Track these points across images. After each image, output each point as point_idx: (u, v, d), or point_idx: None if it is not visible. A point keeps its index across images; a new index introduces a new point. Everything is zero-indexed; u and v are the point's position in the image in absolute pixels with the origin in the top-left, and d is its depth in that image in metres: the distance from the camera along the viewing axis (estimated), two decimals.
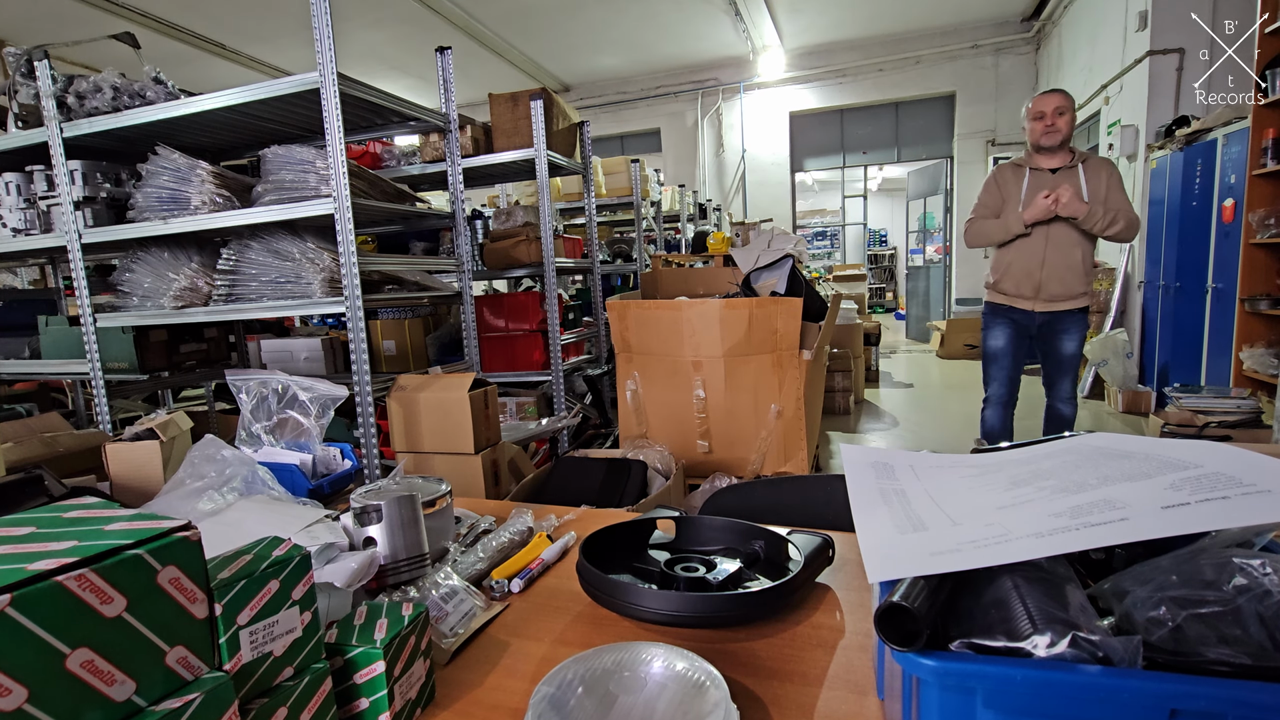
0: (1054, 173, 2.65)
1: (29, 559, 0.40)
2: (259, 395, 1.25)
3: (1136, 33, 4.86)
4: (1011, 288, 2.81)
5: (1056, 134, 2.63)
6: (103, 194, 2.69)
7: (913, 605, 0.36)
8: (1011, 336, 2.88)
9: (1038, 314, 2.78)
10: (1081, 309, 2.77)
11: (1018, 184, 2.73)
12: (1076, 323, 2.78)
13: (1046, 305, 2.75)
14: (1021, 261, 2.74)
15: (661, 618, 0.70)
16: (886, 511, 0.51)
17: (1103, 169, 2.65)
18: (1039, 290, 2.73)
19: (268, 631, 0.50)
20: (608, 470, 2.65)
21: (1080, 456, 0.56)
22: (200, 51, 7.00)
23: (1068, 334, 2.79)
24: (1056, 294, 2.71)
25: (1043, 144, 2.65)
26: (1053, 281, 2.69)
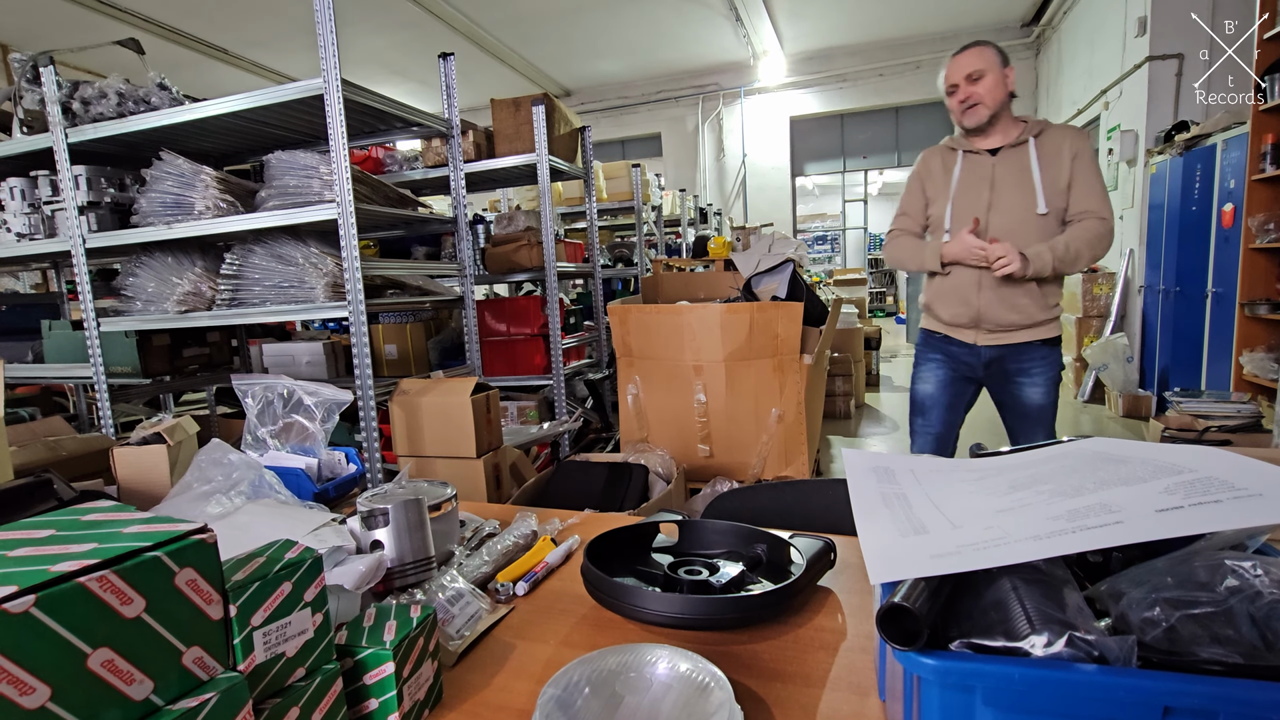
0: (994, 154, 1.90)
1: (51, 560, 0.41)
2: (264, 400, 1.26)
3: (1136, 38, 4.88)
4: (946, 314, 2.04)
5: (978, 110, 1.85)
6: (107, 199, 2.70)
7: (914, 606, 0.37)
8: (946, 379, 2.09)
9: (982, 349, 1.98)
10: (1046, 341, 1.94)
11: (947, 176, 1.98)
12: (1041, 362, 1.94)
13: (992, 337, 1.96)
14: (952, 282, 1.97)
15: (665, 620, 0.71)
16: (888, 515, 0.52)
17: (1065, 144, 1.85)
18: (978, 319, 1.96)
19: (281, 633, 0.51)
20: (609, 474, 2.65)
21: (1078, 461, 0.57)
22: (203, 56, 7.03)
23: (1027, 377, 1.96)
24: (1004, 322, 1.92)
25: (965, 124, 1.91)
26: (996, 308, 1.91)
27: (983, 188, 1.91)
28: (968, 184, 1.95)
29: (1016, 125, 1.92)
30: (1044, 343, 1.96)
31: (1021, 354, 1.97)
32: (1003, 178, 1.88)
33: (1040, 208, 1.83)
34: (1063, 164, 1.84)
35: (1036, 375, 1.99)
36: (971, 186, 1.94)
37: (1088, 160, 1.87)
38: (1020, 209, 1.86)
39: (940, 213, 2.00)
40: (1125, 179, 5.23)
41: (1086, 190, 1.86)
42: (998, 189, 1.89)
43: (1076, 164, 1.85)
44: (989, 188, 1.90)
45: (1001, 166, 1.90)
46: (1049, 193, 1.84)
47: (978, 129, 1.91)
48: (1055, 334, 1.98)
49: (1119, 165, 5.30)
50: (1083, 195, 1.86)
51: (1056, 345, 2.02)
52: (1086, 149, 1.87)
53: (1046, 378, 2.00)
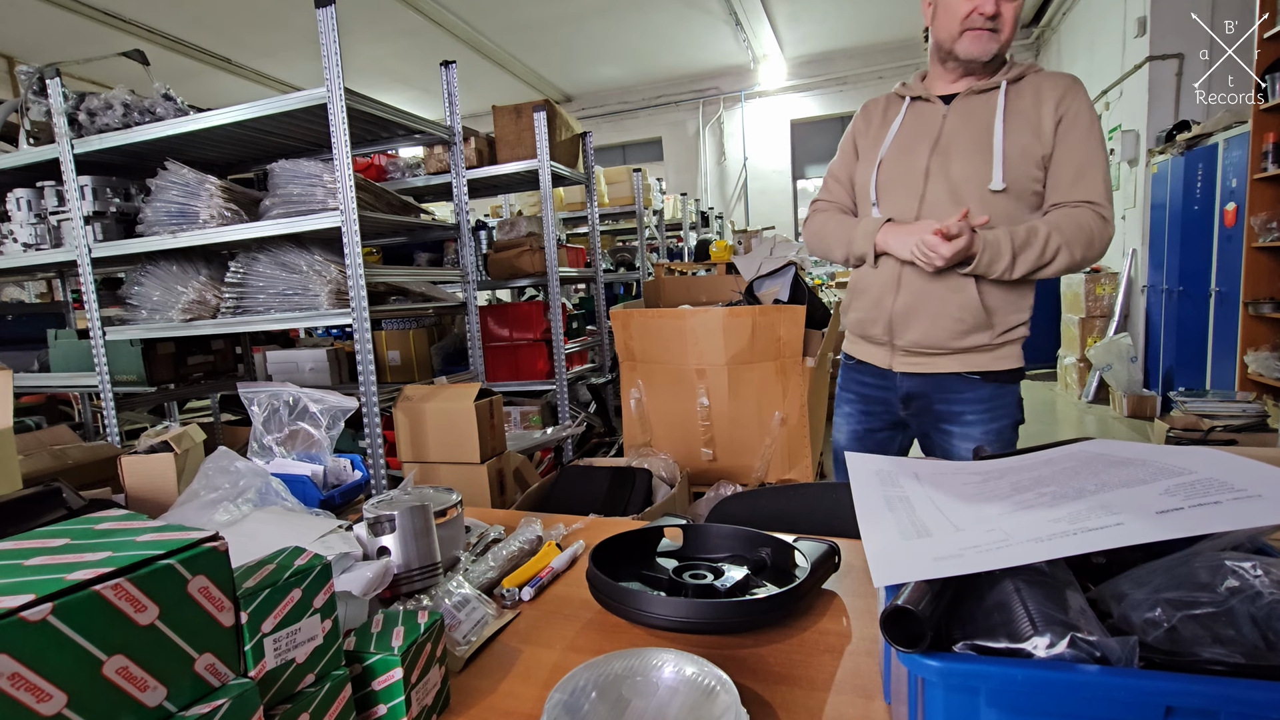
0: (947, 103, 1.34)
1: (67, 569, 0.42)
2: (270, 408, 1.27)
3: (1136, 38, 4.89)
4: (857, 324, 1.48)
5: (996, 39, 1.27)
6: (112, 209, 2.72)
7: (917, 608, 0.37)
8: (859, 429, 1.53)
9: (898, 378, 1.42)
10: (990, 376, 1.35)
11: (883, 130, 1.41)
12: (979, 406, 1.36)
13: (909, 362, 1.39)
14: (870, 279, 1.41)
15: (671, 624, 0.71)
16: (891, 518, 0.53)
17: (1050, 98, 1.27)
18: (892, 331, 1.38)
19: (291, 639, 0.52)
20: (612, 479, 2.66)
21: (1079, 462, 0.57)
22: (208, 67, 7.08)
23: (959, 425, 1.38)
24: (925, 341, 1.35)
25: (962, 51, 1.29)
26: (915, 317, 1.34)
27: (922, 146, 1.33)
28: (905, 142, 1.36)
29: (994, 67, 1.34)
30: (987, 378, 1.34)
31: (951, 390, 1.36)
32: (953, 135, 1.31)
33: (995, 182, 1.26)
34: (1042, 126, 1.26)
35: (972, 425, 1.36)
36: (909, 144, 1.35)
37: (1083, 130, 1.25)
38: (969, 180, 1.28)
39: (865, 178, 1.40)
40: (1127, 179, 5.23)
41: (1082, 169, 1.25)
42: (943, 150, 1.31)
43: (1068, 131, 1.25)
44: (930, 147, 1.32)
45: (955, 119, 1.31)
46: (1012, 162, 1.26)
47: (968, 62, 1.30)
48: (1009, 365, 1.34)
49: (1120, 165, 5.30)
50: (1074, 178, 1.25)
51: (1011, 384, 1.37)
52: (1084, 112, 1.26)
53: (987, 431, 1.35)
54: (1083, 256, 1.25)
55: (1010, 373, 1.36)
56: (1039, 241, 1.22)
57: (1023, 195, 1.29)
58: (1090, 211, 1.24)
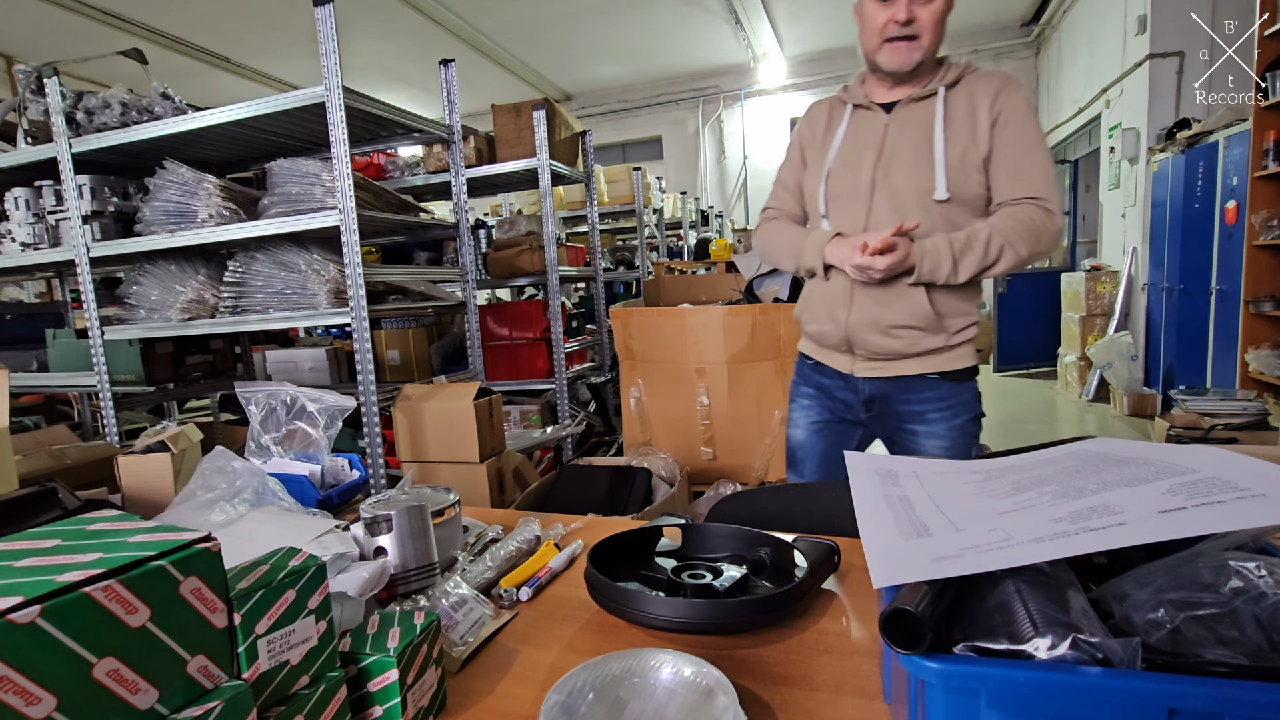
0: (888, 110, 1.35)
1: (57, 570, 0.41)
2: (268, 407, 1.27)
3: (1136, 36, 4.88)
4: (814, 335, 1.50)
5: (913, 47, 1.28)
6: (110, 208, 2.72)
7: (917, 609, 0.37)
8: (818, 422, 1.54)
9: (860, 382, 1.44)
10: (949, 375, 1.39)
11: (829, 138, 1.42)
12: (940, 404, 1.40)
13: (870, 367, 1.42)
14: (822, 289, 1.43)
15: (669, 624, 0.71)
16: (890, 517, 0.52)
17: (986, 100, 1.28)
18: (848, 343, 1.41)
19: (285, 640, 0.51)
20: (612, 478, 2.65)
21: (1081, 461, 0.57)
22: (206, 65, 7.07)
23: (923, 424, 1.42)
24: (881, 347, 1.38)
25: (885, 62, 1.30)
26: (869, 329, 1.37)
27: (867, 157, 1.33)
28: (850, 152, 1.36)
29: (931, 72, 1.33)
30: (945, 377, 1.38)
31: (912, 391, 1.40)
32: (895, 146, 1.31)
33: (939, 192, 1.27)
34: (978, 130, 1.27)
35: (935, 423, 1.40)
36: (854, 155, 1.35)
37: (1019, 124, 1.27)
38: (913, 188, 1.29)
39: (814, 190, 1.41)
40: (1128, 177, 5.22)
41: (1020, 166, 1.27)
42: (886, 161, 1.32)
43: (1002, 130, 1.27)
44: (875, 158, 1.33)
45: (896, 129, 1.32)
46: (954, 170, 1.27)
47: (895, 73, 1.31)
48: (964, 364, 1.38)
49: (1121, 163, 5.29)
50: (1015, 175, 1.27)
51: (967, 381, 1.41)
52: (1018, 109, 1.28)
53: (950, 427, 1.39)
54: (1030, 252, 1.26)
55: (966, 370, 1.40)
56: (980, 244, 1.25)
57: (969, 201, 1.31)
58: (1033, 207, 1.26)
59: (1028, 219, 1.25)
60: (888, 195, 1.32)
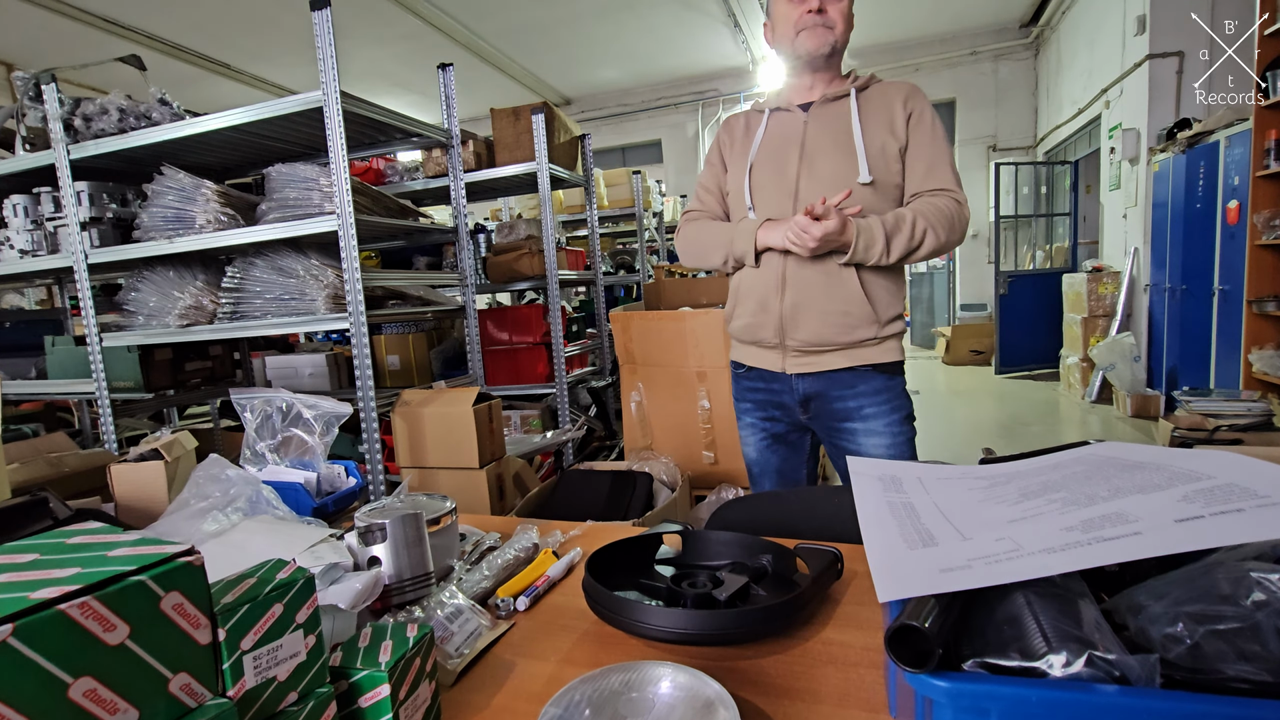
0: (805, 110, 1.43)
1: (31, 587, 0.40)
2: (263, 414, 1.25)
3: (1135, 37, 4.87)
4: (744, 329, 1.48)
5: (826, 34, 1.38)
6: (109, 214, 2.71)
7: (924, 625, 0.35)
8: (764, 438, 1.53)
9: (795, 380, 1.43)
10: (881, 368, 1.41)
11: (748, 140, 1.49)
12: (875, 399, 1.41)
13: (802, 362, 1.41)
14: (753, 282, 1.44)
15: (668, 635, 0.69)
16: (895, 525, 0.51)
17: (898, 101, 1.40)
18: (782, 332, 1.41)
19: (271, 656, 0.50)
20: (613, 483, 2.64)
21: (1090, 467, 0.55)
22: (204, 71, 7.08)
23: (860, 422, 1.42)
24: (816, 339, 1.38)
25: (802, 47, 1.39)
26: (805, 314, 1.38)
27: (791, 151, 1.42)
28: (772, 147, 1.44)
29: (841, 80, 1.46)
30: (877, 370, 1.40)
31: (846, 386, 1.40)
32: (816, 139, 1.40)
33: (862, 175, 1.35)
34: (894, 124, 1.38)
35: (872, 419, 1.40)
36: (777, 150, 1.44)
37: (929, 125, 1.39)
38: (838, 177, 1.37)
39: (739, 184, 1.46)
40: (1129, 177, 5.21)
41: (933, 161, 1.37)
42: (809, 153, 1.40)
43: (915, 128, 1.39)
44: (798, 152, 1.41)
45: (815, 125, 1.41)
46: (874, 158, 1.36)
47: (809, 61, 1.40)
48: (895, 358, 1.41)
49: (1121, 164, 5.28)
50: (928, 169, 1.37)
51: (898, 375, 1.44)
52: (927, 110, 1.41)
53: (889, 424, 1.40)
54: (946, 238, 1.35)
55: (897, 364, 1.44)
56: (907, 226, 1.32)
57: (887, 189, 1.39)
58: (947, 198, 1.36)
59: (945, 208, 1.34)
60: (812, 183, 1.39)
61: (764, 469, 1.55)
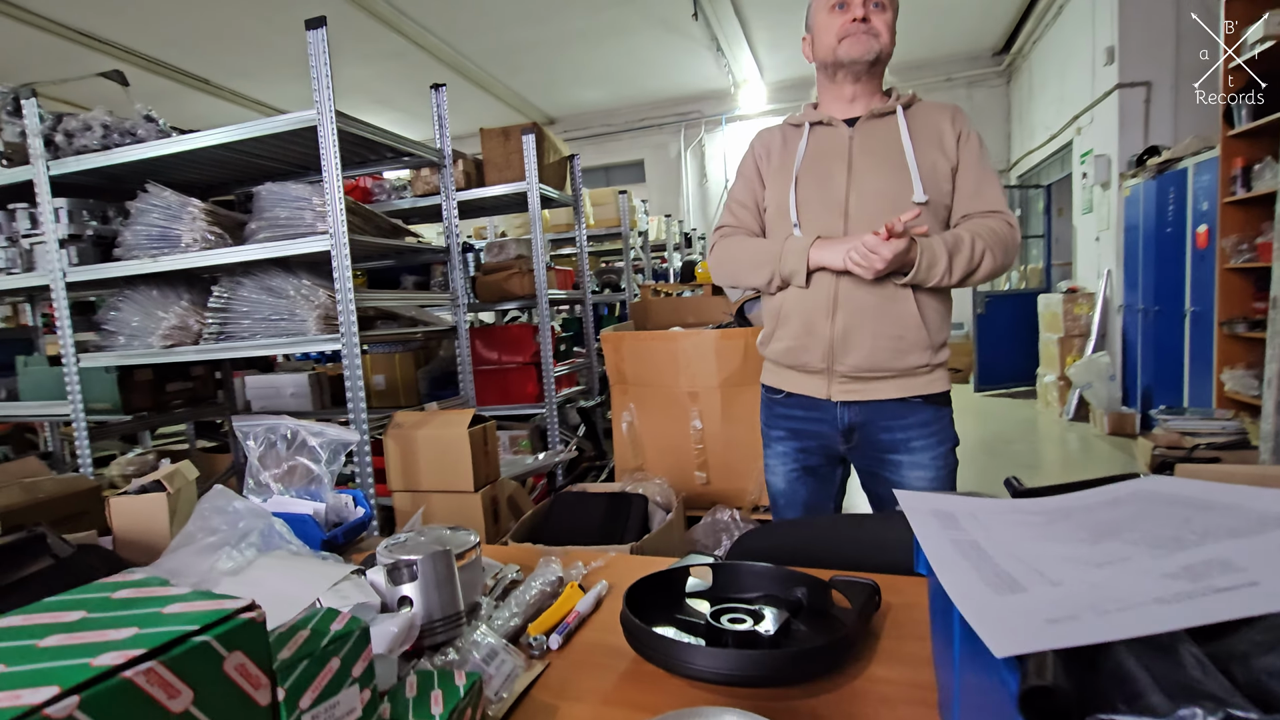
0: (851, 125, 1.36)
1: (89, 651, 0.37)
2: (267, 442, 1.22)
3: (1105, 66, 5.04)
4: (786, 353, 1.41)
5: (870, 43, 1.31)
6: (88, 232, 2.64)
7: (1055, 684, 0.34)
8: (797, 470, 1.47)
9: (839, 408, 1.37)
10: (931, 399, 1.37)
11: (789, 154, 1.41)
12: (924, 430, 1.37)
13: (850, 389, 1.35)
14: (799, 304, 1.37)
15: (720, 677, 0.67)
16: (970, 568, 0.50)
17: (946, 121, 1.36)
18: (831, 357, 1.35)
19: (329, 713, 0.47)
20: (608, 505, 2.61)
21: (1152, 505, 0.55)
22: (184, 87, 6.98)
23: (907, 454, 1.37)
24: (866, 364, 1.33)
25: (843, 55, 1.32)
26: (858, 339, 1.32)
27: (837, 166, 1.34)
28: (817, 162, 1.36)
29: (879, 92, 1.40)
30: (928, 401, 1.35)
31: (895, 418, 1.35)
32: (863, 154, 1.34)
33: (917, 194, 1.29)
34: (944, 144, 1.34)
35: (920, 453, 1.36)
36: (821, 166, 1.36)
37: (977, 146, 1.35)
38: (889, 195, 1.31)
39: (782, 199, 1.38)
40: (1100, 202, 5.36)
41: (982, 183, 1.33)
42: (857, 169, 1.33)
43: (965, 148, 1.34)
44: (845, 168, 1.34)
45: (862, 140, 1.35)
46: (927, 176, 1.31)
47: (852, 66, 1.32)
48: (944, 388, 1.37)
49: (1093, 189, 5.44)
50: (979, 191, 1.33)
51: (946, 406, 1.39)
52: (974, 131, 1.37)
53: (934, 456, 1.36)
54: (1002, 261, 1.30)
55: (944, 395, 1.39)
56: (966, 246, 1.27)
57: (937, 210, 1.34)
58: (1000, 220, 1.31)
59: (1000, 230, 1.30)
60: (861, 200, 1.33)
61: (790, 501, 1.49)
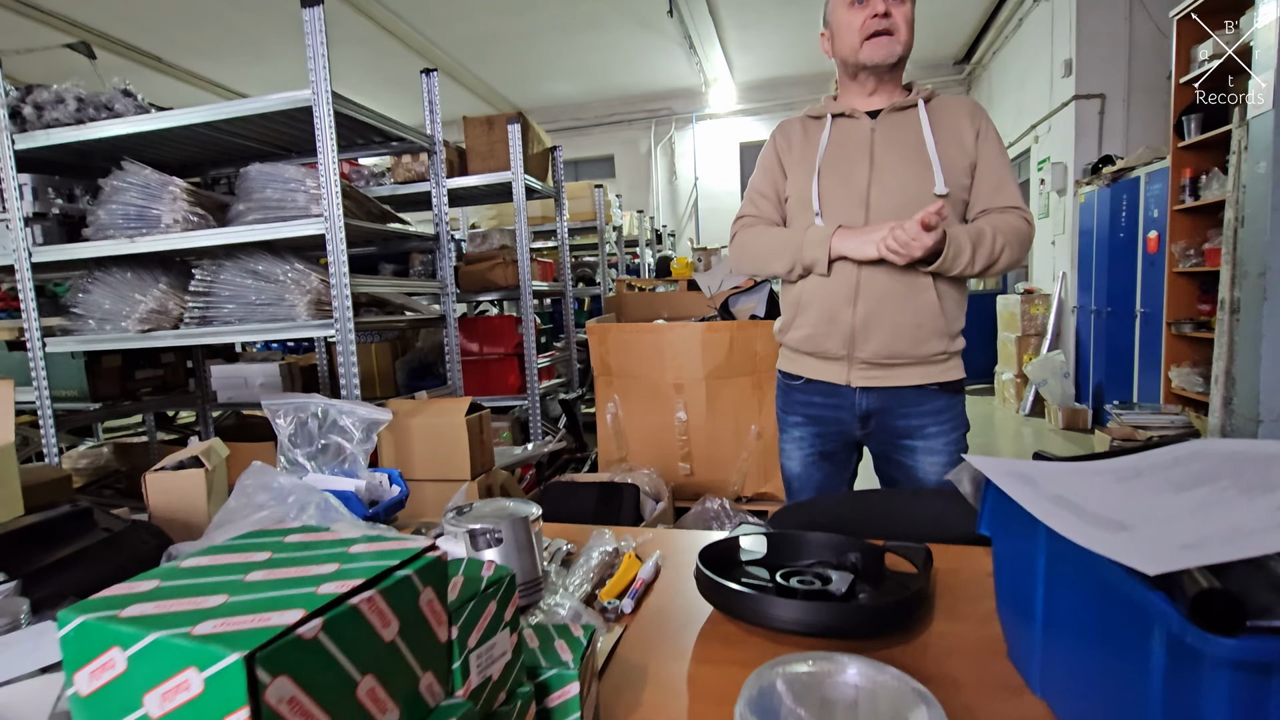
0: (874, 117, 1.41)
1: (307, 584, 0.38)
2: (297, 420, 1.20)
3: (1063, 78, 5.28)
4: (805, 340, 1.45)
5: (891, 42, 1.35)
6: (55, 210, 2.52)
7: (1226, 588, 0.38)
8: (813, 454, 1.52)
9: (858, 394, 1.42)
10: (947, 387, 1.42)
11: (810, 146, 1.44)
12: (939, 418, 1.41)
13: (870, 375, 1.40)
14: (820, 292, 1.41)
15: (817, 629, 0.71)
16: (1072, 516, 0.54)
17: (965, 116, 1.39)
18: (851, 344, 1.39)
19: (488, 654, 0.49)
20: (600, 495, 2.63)
21: (1218, 460, 0.61)
22: (133, 64, 6.67)
23: (923, 440, 1.42)
24: (890, 352, 1.38)
25: (865, 59, 1.37)
26: (880, 327, 1.37)
27: (859, 159, 1.38)
28: (839, 154, 1.40)
29: (904, 91, 1.44)
30: (943, 389, 1.40)
31: (912, 405, 1.39)
32: (885, 148, 1.38)
33: (939, 187, 1.33)
34: (964, 139, 1.37)
35: (935, 438, 1.40)
36: (843, 157, 1.39)
37: (995, 143, 1.39)
38: (910, 187, 1.35)
39: (804, 190, 1.41)
40: (1056, 207, 5.62)
41: (1001, 179, 1.37)
42: (879, 162, 1.37)
43: (984, 144, 1.37)
44: (867, 160, 1.38)
45: (884, 133, 1.39)
46: (948, 170, 1.34)
47: (875, 69, 1.37)
48: (958, 375, 1.41)
49: (1050, 194, 5.69)
50: (997, 185, 1.37)
51: (960, 394, 1.43)
52: (992, 128, 1.40)
53: (948, 442, 1.40)
54: (1019, 255, 1.36)
55: (959, 383, 1.43)
56: (988, 239, 1.31)
57: (956, 204, 1.38)
58: (1017, 215, 1.36)
59: (1017, 224, 1.35)
60: (883, 192, 1.36)
61: (805, 485, 1.53)
